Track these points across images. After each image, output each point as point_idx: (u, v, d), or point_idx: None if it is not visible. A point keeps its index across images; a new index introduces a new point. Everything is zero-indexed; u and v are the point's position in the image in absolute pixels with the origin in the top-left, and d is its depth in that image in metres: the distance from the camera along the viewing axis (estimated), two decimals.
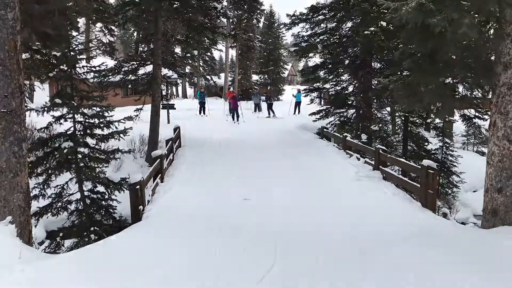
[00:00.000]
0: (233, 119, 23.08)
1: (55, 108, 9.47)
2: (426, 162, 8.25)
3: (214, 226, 6.87)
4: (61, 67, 9.93)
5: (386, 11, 7.45)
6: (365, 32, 15.37)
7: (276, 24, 46.53)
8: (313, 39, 19.03)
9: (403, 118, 16.62)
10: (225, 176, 10.79)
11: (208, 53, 43.50)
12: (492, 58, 7.07)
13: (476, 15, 6.09)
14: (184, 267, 5.20)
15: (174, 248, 5.88)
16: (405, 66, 8.96)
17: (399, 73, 10.56)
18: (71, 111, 9.65)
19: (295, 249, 5.83)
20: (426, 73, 7.96)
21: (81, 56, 10.43)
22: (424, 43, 7.03)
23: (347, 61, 18.23)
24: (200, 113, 26.59)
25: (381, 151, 10.60)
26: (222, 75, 43.58)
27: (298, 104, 28.07)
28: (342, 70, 19.00)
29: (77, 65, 9.95)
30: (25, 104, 7.14)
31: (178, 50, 26.50)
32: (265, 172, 11.02)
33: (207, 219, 7.29)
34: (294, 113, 27.87)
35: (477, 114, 15.15)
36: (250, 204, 8.29)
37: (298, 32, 19.91)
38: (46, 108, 9.37)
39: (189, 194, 9.18)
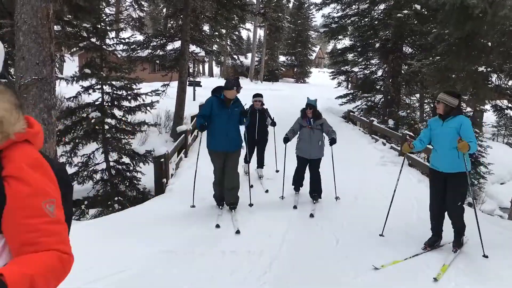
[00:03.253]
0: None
1: (84, 78, 9.59)
2: None
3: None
4: (91, 38, 10.02)
5: None
6: (398, 15, 14.98)
7: (306, 5, 45.75)
8: (343, 21, 18.69)
9: (432, 105, 16.23)
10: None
11: (236, 32, 43.20)
12: None
13: None
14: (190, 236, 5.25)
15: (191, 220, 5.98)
16: (439, 51, 8.71)
17: (431, 58, 10.29)
18: (100, 82, 9.76)
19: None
20: (461, 58, 7.71)
21: (110, 28, 10.51)
22: (461, 26, 6.79)
23: (377, 45, 17.82)
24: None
25: (408, 137, 10.42)
26: (249, 55, 43.31)
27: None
28: (371, 54, 18.65)
29: (106, 37, 10.01)
30: (55, 73, 7.23)
31: (206, 28, 26.44)
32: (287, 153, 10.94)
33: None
34: None
35: (509, 105, 14.68)
36: (271, 182, 8.27)
37: (329, 13, 19.58)
38: (75, 78, 9.50)
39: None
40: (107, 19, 10.29)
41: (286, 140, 6.76)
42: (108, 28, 10.10)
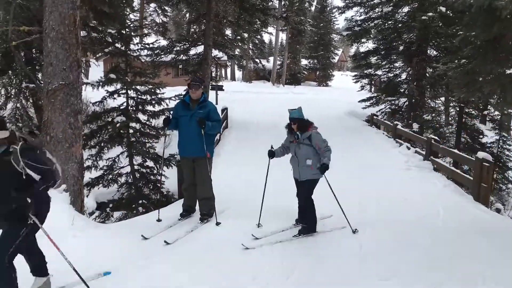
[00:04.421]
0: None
1: (109, 83, 9.77)
2: (481, 154, 7.88)
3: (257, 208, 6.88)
4: (116, 44, 10.21)
5: None
6: (423, 18, 14.75)
7: (328, 8, 45.56)
8: (367, 24, 18.53)
9: (458, 109, 15.94)
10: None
11: (258, 36, 43.33)
12: None
13: None
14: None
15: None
16: (465, 54, 8.52)
17: (456, 60, 10.10)
18: (125, 87, 9.93)
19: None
20: (488, 61, 7.52)
21: (135, 34, 10.68)
22: (488, 29, 6.61)
23: (401, 47, 17.61)
24: None
25: (433, 141, 10.24)
26: (271, 58, 43.36)
27: None
28: (395, 57, 18.43)
29: (131, 42, 10.17)
30: (81, 79, 7.39)
31: (228, 32, 26.62)
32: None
33: (250, 200, 7.29)
34: None
35: None
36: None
37: (352, 16, 19.51)
38: (101, 83, 9.69)
39: (234, 173, 9.23)
40: (131, 25, 10.49)
41: (271, 154, 5.92)
42: (132, 33, 10.27)
